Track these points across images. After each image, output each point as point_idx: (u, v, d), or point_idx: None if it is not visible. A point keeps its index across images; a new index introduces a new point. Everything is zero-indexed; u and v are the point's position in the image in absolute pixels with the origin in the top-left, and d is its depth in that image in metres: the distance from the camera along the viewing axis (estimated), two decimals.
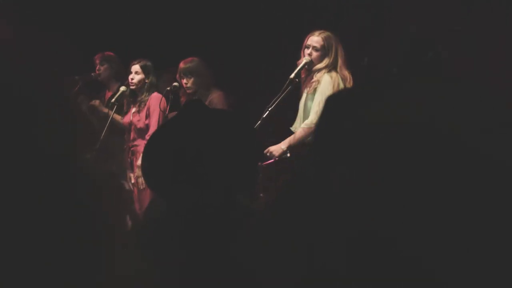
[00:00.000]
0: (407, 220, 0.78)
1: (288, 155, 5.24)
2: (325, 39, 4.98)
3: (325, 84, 4.91)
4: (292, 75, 4.99)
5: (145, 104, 5.96)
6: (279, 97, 4.96)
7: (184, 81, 5.75)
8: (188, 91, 5.76)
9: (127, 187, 5.99)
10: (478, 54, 5.63)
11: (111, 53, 6.64)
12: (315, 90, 4.95)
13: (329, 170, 0.83)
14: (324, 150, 0.86)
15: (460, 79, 0.88)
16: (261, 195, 5.01)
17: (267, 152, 5.14)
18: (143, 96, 6.00)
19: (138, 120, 5.97)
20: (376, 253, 0.78)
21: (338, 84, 4.91)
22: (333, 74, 4.95)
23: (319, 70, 4.97)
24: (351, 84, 4.94)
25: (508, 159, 0.80)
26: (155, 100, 5.91)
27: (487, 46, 5.66)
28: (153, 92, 6.01)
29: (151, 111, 5.91)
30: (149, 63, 6.05)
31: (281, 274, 0.86)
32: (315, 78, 4.96)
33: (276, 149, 5.07)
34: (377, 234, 0.78)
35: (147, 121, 5.93)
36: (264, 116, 4.90)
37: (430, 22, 5.64)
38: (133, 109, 6.06)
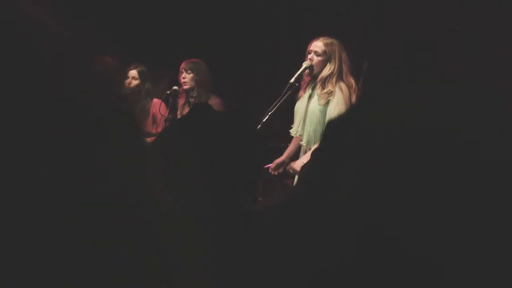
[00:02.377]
0: (410, 221, 0.78)
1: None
2: (327, 45, 4.90)
3: (339, 98, 4.76)
4: (292, 80, 4.94)
5: (147, 111, 5.94)
6: (279, 101, 4.92)
7: (183, 75, 5.70)
8: (184, 86, 5.68)
9: None
10: (478, 54, 5.64)
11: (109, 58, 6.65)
12: (327, 102, 4.81)
13: (334, 175, 0.83)
14: (330, 155, 0.86)
15: (460, 79, 0.88)
16: (260, 199, 4.98)
17: (290, 168, 5.01)
18: (143, 103, 5.97)
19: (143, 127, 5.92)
20: (379, 254, 0.78)
21: (349, 96, 4.79)
22: (343, 85, 4.82)
23: (327, 79, 4.84)
24: (356, 91, 4.85)
25: (508, 159, 0.80)
26: (158, 107, 5.88)
27: (487, 46, 5.66)
28: (151, 97, 5.99)
29: (158, 119, 5.88)
30: (145, 70, 6.04)
31: (280, 276, 0.86)
32: (326, 89, 4.81)
33: (299, 164, 4.84)
34: (381, 235, 0.78)
35: (153, 129, 5.89)
36: (265, 120, 4.86)
37: (430, 22, 5.64)
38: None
